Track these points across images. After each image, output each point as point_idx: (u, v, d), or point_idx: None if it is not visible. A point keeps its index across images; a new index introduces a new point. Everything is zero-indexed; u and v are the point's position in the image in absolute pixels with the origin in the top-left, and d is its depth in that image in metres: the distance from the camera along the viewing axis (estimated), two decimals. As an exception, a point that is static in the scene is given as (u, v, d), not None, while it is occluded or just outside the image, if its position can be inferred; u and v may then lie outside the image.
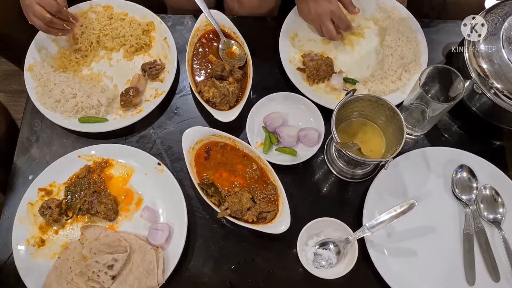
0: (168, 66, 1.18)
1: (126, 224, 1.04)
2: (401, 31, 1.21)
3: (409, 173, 1.09)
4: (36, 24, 1.09)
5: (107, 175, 1.08)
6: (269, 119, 1.10)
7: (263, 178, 1.06)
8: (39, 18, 1.07)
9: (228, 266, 1.02)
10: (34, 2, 1.05)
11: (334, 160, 1.09)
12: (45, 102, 1.12)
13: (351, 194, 1.09)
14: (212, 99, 1.10)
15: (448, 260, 1.02)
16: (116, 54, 1.22)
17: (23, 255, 0.99)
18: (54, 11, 1.07)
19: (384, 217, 0.95)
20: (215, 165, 1.07)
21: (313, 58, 1.18)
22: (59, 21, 1.10)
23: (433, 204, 1.07)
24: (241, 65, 1.18)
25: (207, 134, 1.08)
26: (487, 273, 1.00)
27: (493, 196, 1.06)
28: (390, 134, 1.02)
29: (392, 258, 1.01)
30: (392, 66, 1.18)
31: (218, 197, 1.02)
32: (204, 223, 1.05)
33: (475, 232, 1.03)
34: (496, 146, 1.15)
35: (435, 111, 1.00)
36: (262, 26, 1.26)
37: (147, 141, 1.13)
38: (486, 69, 1.02)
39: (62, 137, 1.14)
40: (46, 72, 1.16)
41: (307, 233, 0.98)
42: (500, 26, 1.03)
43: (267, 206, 1.02)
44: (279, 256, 1.03)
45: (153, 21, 1.23)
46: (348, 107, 1.00)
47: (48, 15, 1.06)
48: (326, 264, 0.98)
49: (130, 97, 1.12)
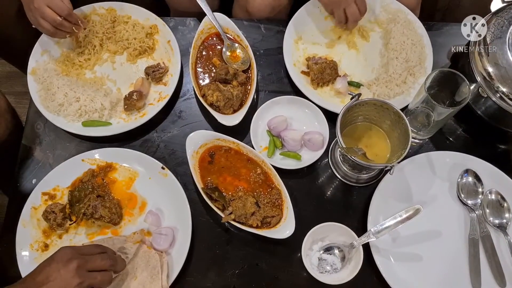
0: (172, 69, 1.18)
1: (130, 229, 1.03)
2: (406, 34, 1.20)
3: (414, 177, 1.08)
4: (44, 27, 1.08)
5: (110, 179, 1.07)
6: (273, 123, 1.10)
7: (267, 182, 1.05)
8: (49, 21, 1.06)
9: (232, 271, 1.01)
10: (44, 5, 1.03)
11: (339, 164, 1.09)
12: (48, 106, 1.12)
13: (356, 199, 1.09)
14: (216, 102, 1.10)
15: (454, 265, 1.01)
16: (120, 57, 1.21)
17: (26, 260, 0.99)
18: (65, 14, 1.07)
19: (389, 222, 0.95)
20: (219, 169, 1.07)
21: (318, 61, 1.17)
22: (68, 24, 1.10)
23: (438, 209, 1.06)
24: (245, 68, 1.17)
25: (211, 138, 1.07)
26: (492, 278, 1.00)
27: (499, 201, 1.05)
28: (395, 139, 1.01)
29: (397, 263, 1.01)
30: (397, 69, 1.17)
31: (222, 202, 1.02)
32: (208, 227, 1.05)
33: (481, 237, 1.03)
34: (501, 150, 1.15)
35: (440, 115, 1.00)
36: (266, 29, 1.26)
37: (150, 145, 1.13)
38: (491, 72, 1.02)
39: (66, 141, 1.13)
40: (49, 75, 1.15)
41: (312, 238, 0.98)
42: (506, 29, 1.02)
43: (272, 211, 1.02)
44: (283, 261, 1.02)
45: (156, 24, 1.22)
46: (353, 111, 1.00)
47: (58, 17, 1.06)
48: (331, 269, 0.97)
49: (134, 101, 1.11)
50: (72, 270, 0.81)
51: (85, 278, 0.82)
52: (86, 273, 0.83)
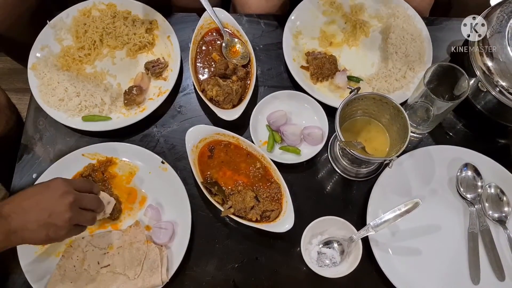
0: (172, 64, 1.18)
1: (129, 223, 1.03)
2: (405, 29, 1.20)
3: (413, 171, 1.08)
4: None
5: (111, 173, 1.08)
6: (273, 117, 1.10)
7: (266, 177, 1.05)
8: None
9: (231, 264, 1.02)
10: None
11: (338, 158, 1.09)
12: (49, 101, 1.12)
13: (355, 193, 1.09)
14: (215, 97, 1.10)
15: (453, 259, 1.02)
16: (120, 53, 1.22)
17: (27, 254, 0.99)
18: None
19: (388, 216, 0.95)
20: (218, 163, 1.07)
21: (317, 56, 1.17)
22: None
23: (438, 203, 1.06)
24: (245, 63, 1.17)
25: (211, 133, 1.07)
26: (492, 272, 1.00)
27: (498, 195, 1.05)
28: (394, 133, 1.01)
29: (396, 257, 1.01)
30: (397, 64, 1.17)
31: (222, 196, 1.02)
32: (208, 221, 1.05)
33: (480, 231, 1.03)
34: (501, 145, 1.15)
35: (439, 109, 1.00)
36: (266, 24, 1.26)
37: (150, 139, 1.13)
38: (491, 66, 1.02)
39: (66, 136, 1.14)
40: (50, 70, 1.16)
41: (311, 232, 0.98)
42: (505, 23, 1.02)
43: (271, 205, 1.02)
44: (282, 254, 1.03)
45: (156, 19, 1.22)
46: (352, 105, 1.00)
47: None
48: (330, 263, 0.98)
49: (134, 96, 1.12)
50: (67, 204, 0.81)
51: (76, 214, 0.82)
52: (77, 209, 0.83)
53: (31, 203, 0.80)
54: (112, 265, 0.98)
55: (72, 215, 0.81)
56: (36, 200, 0.81)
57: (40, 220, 0.79)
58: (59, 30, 1.21)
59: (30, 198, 0.81)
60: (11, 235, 0.78)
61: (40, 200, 0.81)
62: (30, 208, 0.80)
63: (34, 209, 0.80)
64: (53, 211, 0.80)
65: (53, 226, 0.80)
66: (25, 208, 0.80)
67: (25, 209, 0.80)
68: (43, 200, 0.80)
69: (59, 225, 0.81)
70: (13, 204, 0.80)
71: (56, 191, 0.82)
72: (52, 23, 1.20)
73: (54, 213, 0.80)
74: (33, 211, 0.79)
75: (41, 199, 0.81)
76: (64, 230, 0.82)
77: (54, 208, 0.80)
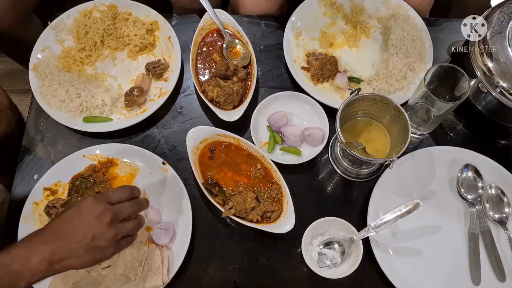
0: (172, 65, 1.18)
1: (130, 224, 1.04)
2: (406, 30, 1.20)
3: (414, 172, 1.08)
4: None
5: (112, 174, 1.08)
6: (274, 118, 1.10)
7: (267, 178, 1.06)
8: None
9: (232, 265, 1.02)
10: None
11: (339, 159, 1.09)
12: (50, 102, 1.13)
13: (356, 194, 1.09)
14: (216, 98, 1.10)
15: (454, 260, 1.02)
16: (120, 54, 1.22)
17: (28, 255, 1.00)
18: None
19: (389, 216, 0.95)
20: (219, 164, 1.07)
21: (318, 57, 1.17)
22: None
23: (438, 204, 1.06)
24: (245, 64, 1.17)
25: (211, 134, 1.08)
26: (492, 273, 1.00)
27: (499, 196, 1.05)
28: (395, 134, 1.02)
29: (397, 257, 1.01)
30: (397, 65, 1.17)
31: (223, 197, 1.02)
32: (209, 222, 1.05)
33: (481, 232, 1.03)
34: (501, 145, 1.15)
35: (440, 110, 1.00)
36: (266, 25, 1.26)
37: (151, 140, 1.14)
38: (491, 67, 1.01)
39: (67, 137, 1.14)
40: (51, 71, 1.16)
41: (312, 233, 0.98)
42: (506, 24, 1.02)
43: (272, 206, 1.02)
44: (283, 255, 1.03)
45: (157, 20, 1.23)
46: (352, 106, 1.00)
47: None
48: (331, 263, 0.98)
49: (134, 97, 1.12)
50: (105, 223, 0.77)
51: (117, 230, 0.79)
52: (118, 224, 0.79)
53: (69, 229, 0.77)
54: (113, 266, 0.98)
55: (114, 232, 0.78)
56: (73, 226, 0.77)
57: (84, 246, 0.76)
58: (60, 31, 1.21)
59: (66, 224, 0.77)
60: (55, 264, 0.75)
61: (77, 225, 0.77)
62: (69, 234, 0.76)
63: (74, 236, 0.76)
64: (94, 234, 0.76)
65: (98, 249, 0.77)
66: (64, 235, 0.76)
67: (65, 236, 0.76)
68: (81, 224, 0.77)
69: (103, 245, 0.78)
70: (51, 232, 0.77)
71: (91, 213, 0.78)
72: (53, 24, 1.21)
73: (95, 236, 0.76)
74: (73, 237, 0.76)
75: (78, 224, 0.77)
76: (111, 249, 0.79)
77: (94, 231, 0.77)
